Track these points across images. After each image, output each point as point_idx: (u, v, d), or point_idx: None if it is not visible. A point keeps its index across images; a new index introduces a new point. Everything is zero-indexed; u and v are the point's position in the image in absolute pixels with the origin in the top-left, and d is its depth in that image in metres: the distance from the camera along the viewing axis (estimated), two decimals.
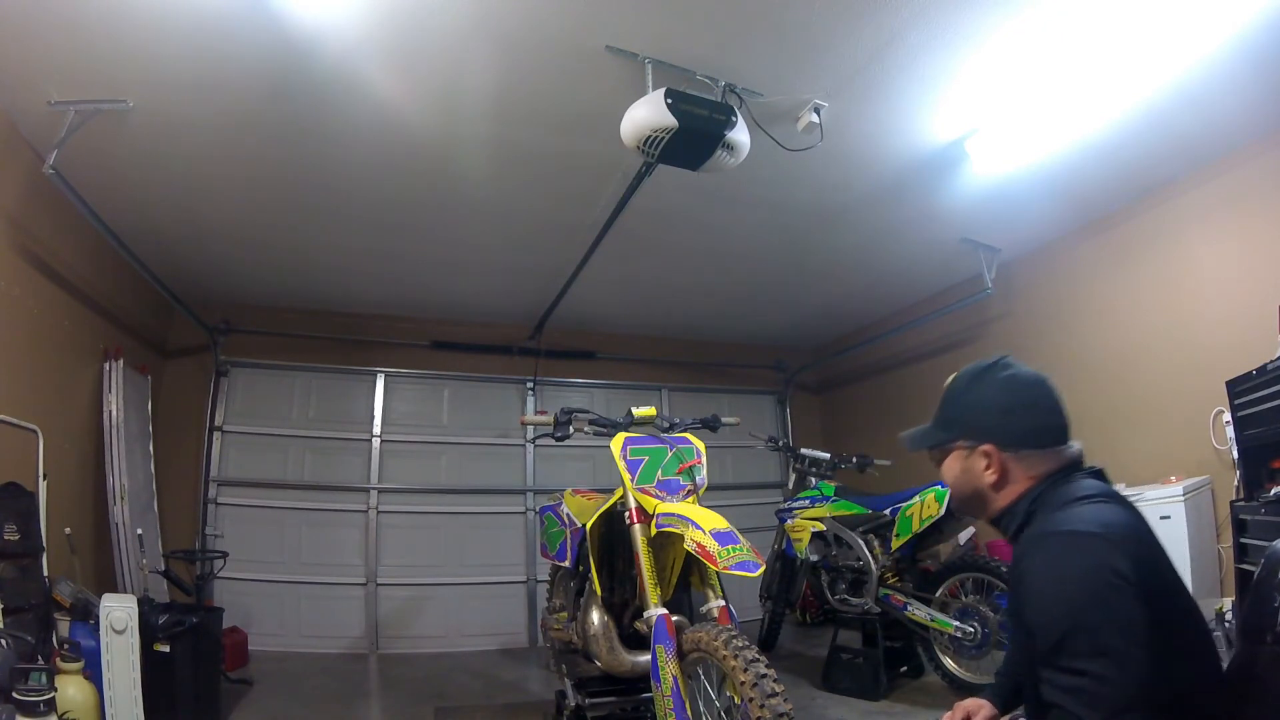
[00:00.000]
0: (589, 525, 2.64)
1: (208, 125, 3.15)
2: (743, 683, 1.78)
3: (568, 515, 2.97)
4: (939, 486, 3.48)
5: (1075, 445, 1.26)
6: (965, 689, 3.31)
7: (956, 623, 3.33)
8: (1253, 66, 2.82)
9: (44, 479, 3.19)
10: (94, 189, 3.46)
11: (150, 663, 2.94)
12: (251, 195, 3.84)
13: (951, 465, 1.33)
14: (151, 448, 4.74)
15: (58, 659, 2.62)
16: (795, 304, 5.89)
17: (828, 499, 4.05)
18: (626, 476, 2.44)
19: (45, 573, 2.98)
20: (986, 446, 1.26)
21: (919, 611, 3.47)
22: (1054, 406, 1.27)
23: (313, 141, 3.30)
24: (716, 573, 2.19)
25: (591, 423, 2.73)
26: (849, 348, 6.50)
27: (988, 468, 1.26)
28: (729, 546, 2.03)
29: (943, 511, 3.41)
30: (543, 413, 2.93)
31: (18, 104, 2.99)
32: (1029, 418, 1.26)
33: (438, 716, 3.57)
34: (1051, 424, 1.26)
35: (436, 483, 5.73)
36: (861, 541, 3.72)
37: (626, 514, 2.41)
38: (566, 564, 2.94)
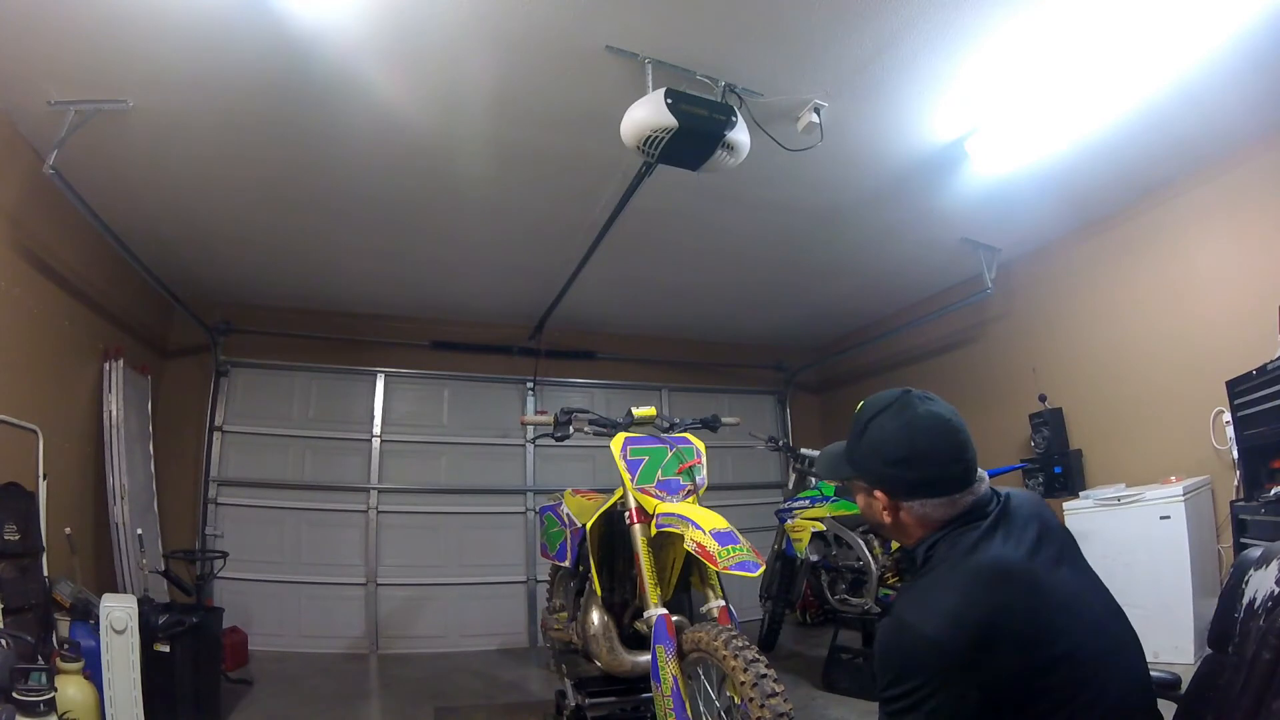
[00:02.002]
0: (589, 525, 2.64)
1: (208, 125, 3.15)
2: (743, 683, 1.78)
3: (568, 515, 2.97)
4: None
5: (974, 491, 1.21)
6: None
7: None
8: (1253, 66, 2.82)
9: (44, 479, 3.19)
10: (94, 189, 3.46)
11: (150, 663, 2.94)
12: (252, 195, 3.84)
13: (858, 497, 1.34)
14: (151, 448, 4.74)
15: (58, 659, 2.62)
16: (795, 304, 5.89)
17: (828, 499, 4.04)
18: (626, 476, 2.44)
19: (45, 573, 2.98)
20: (878, 492, 1.25)
21: None
22: (951, 455, 1.19)
23: (313, 141, 3.30)
24: (716, 573, 2.19)
25: (591, 423, 2.73)
26: (849, 348, 6.51)
27: (884, 510, 1.26)
28: (729, 546, 2.03)
29: None
30: (543, 413, 2.93)
31: (18, 104, 2.99)
32: (921, 469, 1.20)
33: (438, 716, 3.57)
34: (946, 475, 1.19)
35: (436, 483, 5.73)
36: (861, 541, 3.72)
37: (626, 514, 2.41)
38: (566, 564, 2.94)
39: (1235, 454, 3.33)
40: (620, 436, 2.55)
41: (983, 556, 1.13)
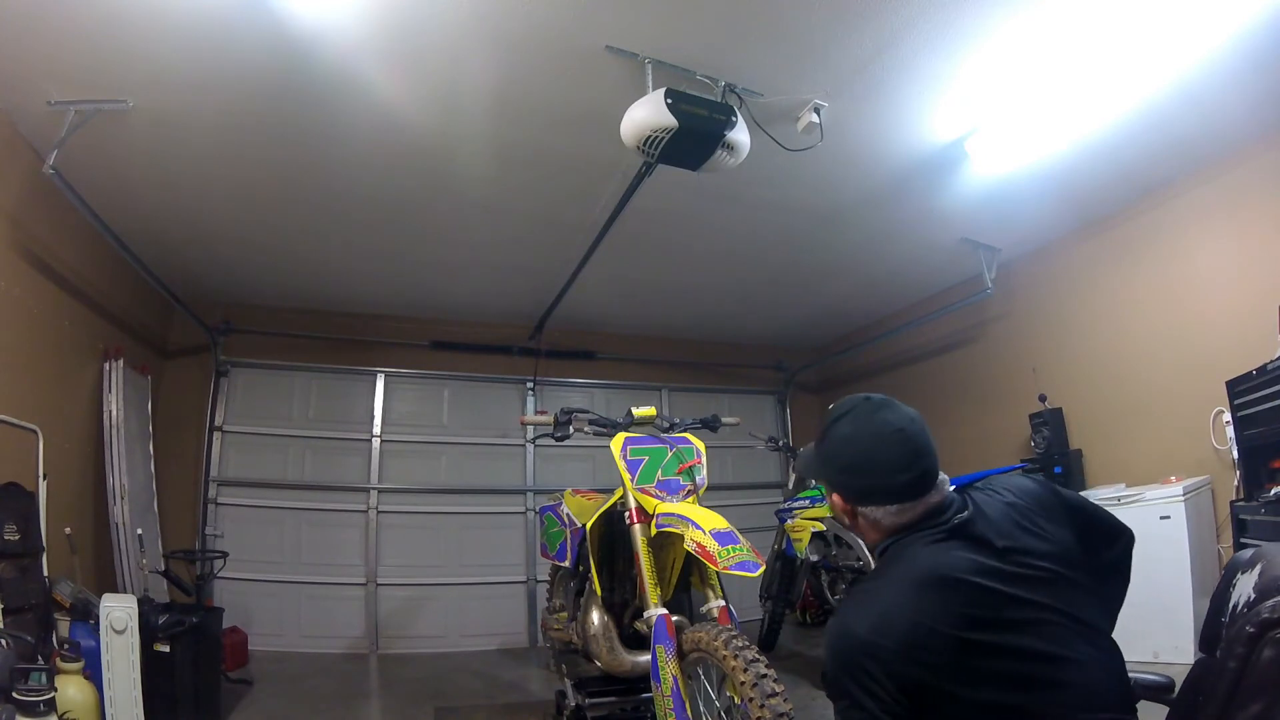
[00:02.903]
0: (589, 525, 2.64)
1: (208, 125, 3.15)
2: (743, 683, 1.78)
3: (568, 515, 2.97)
4: None
5: (928, 500, 1.20)
6: None
7: None
8: (1253, 66, 2.82)
9: (44, 479, 3.19)
10: (94, 189, 3.46)
11: (150, 663, 2.94)
12: (252, 195, 3.84)
13: (826, 495, 1.38)
14: (151, 448, 4.74)
15: (58, 659, 2.62)
16: (795, 304, 5.89)
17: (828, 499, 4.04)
18: (626, 476, 2.44)
19: (45, 573, 2.98)
20: (835, 495, 1.29)
21: None
22: (899, 464, 1.19)
23: (313, 141, 3.30)
24: (716, 573, 2.19)
25: (591, 423, 2.73)
26: (849, 348, 6.51)
27: (842, 512, 1.29)
28: (729, 546, 2.03)
29: None
30: (543, 413, 2.93)
31: (18, 104, 2.99)
32: (869, 477, 1.22)
33: (438, 716, 3.57)
34: (892, 483, 1.20)
35: (436, 483, 5.73)
36: (861, 541, 3.71)
37: (626, 514, 2.41)
38: (566, 564, 2.94)
39: (1235, 454, 3.33)
40: (620, 436, 2.55)
41: (923, 562, 1.14)
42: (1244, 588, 1.08)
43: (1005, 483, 1.30)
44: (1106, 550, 1.34)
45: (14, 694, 2.25)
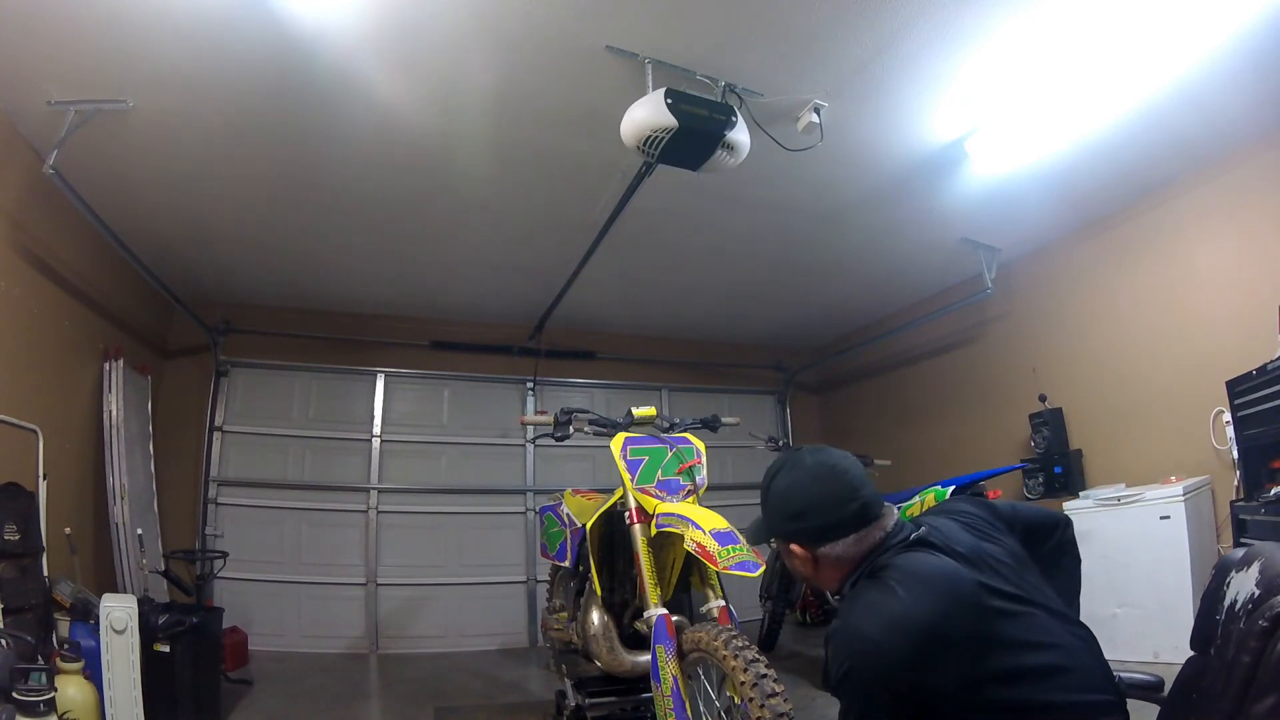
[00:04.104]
0: (589, 525, 2.64)
1: (208, 125, 3.15)
2: (743, 683, 1.78)
3: (568, 515, 2.97)
4: (938, 486, 3.47)
5: (882, 525, 1.27)
6: None
7: None
8: (1253, 66, 2.82)
9: (44, 479, 3.18)
10: (94, 189, 3.46)
11: (150, 663, 2.94)
12: (252, 195, 3.84)
13: (785, 559, 1.41)
14: (151, 448, 4.74)
15: (58, 659, 2.62)
16: (795, 304, 5.89)
17: None
18: (626, 476, 2.44)
19: (45, 573, 2.98)
20: (793, 546, 1.33)
21: None
22: (843, 496, 1.27)
23: (313, 141, 3.30)
24: (716, 573, 2.19)
25: (591, 423, 2.73)
26: (849, 348, 6.51)
27: (803, 562, 1.32)
28: (729, 546, 2.03)
29: None
30: (543, 413, 2.94)
31: (18, 104, 2.99)
32: (819, 517, 1.28)
33: (438, 716, 3.57)
34: (844, 514, 1.26)
35: (436, 483, 5.73)
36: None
37: (626, 514, 2.41)
38: (566, 564, 2.94)
39: (1235, 454, 3.33)
40: (620, 436, 2.55)
41: (930, 566, 1.17)
42: (1242, 586, 1.09)
43: (944, 508, 1.39)
44: (1047, 541, 1.47)
45: (14, 694, 2.25)
